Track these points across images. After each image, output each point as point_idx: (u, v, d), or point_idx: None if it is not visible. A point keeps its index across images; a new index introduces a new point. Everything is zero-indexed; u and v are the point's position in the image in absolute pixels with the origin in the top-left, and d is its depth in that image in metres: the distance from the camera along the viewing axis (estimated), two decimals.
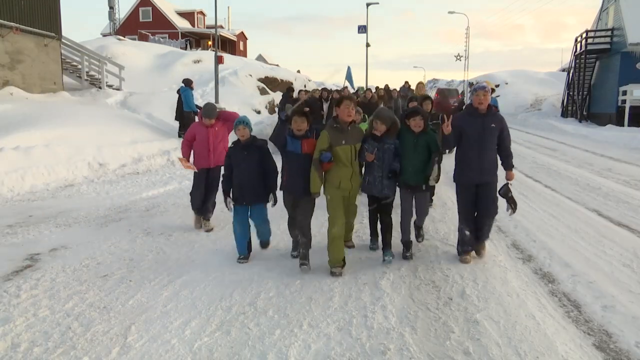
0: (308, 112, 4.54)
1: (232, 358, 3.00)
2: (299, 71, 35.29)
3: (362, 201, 5.21)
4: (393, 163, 4.64)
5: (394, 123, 4.64)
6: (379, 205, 4.81)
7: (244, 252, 4.78)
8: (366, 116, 7.17)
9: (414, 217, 5.07)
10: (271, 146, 4.74)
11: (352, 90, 21.13)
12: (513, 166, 4.67)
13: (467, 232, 4.66)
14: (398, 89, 15.76)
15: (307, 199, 4.47)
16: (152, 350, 3.07)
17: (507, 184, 4.66)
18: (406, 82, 18.15)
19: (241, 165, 4.67)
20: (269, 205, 4.85)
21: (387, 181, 4.61)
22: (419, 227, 5.28)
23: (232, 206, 4.72)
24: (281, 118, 4.52)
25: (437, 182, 4.86)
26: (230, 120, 5.80)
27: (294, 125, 4.39)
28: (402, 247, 4.91)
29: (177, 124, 13.66)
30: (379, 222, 4.94)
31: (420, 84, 9.74)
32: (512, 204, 4.67)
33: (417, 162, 4.68)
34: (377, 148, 4.55)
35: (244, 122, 4.74)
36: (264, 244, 5.08)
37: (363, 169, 4.78)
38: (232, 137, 5.12)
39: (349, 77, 17.31)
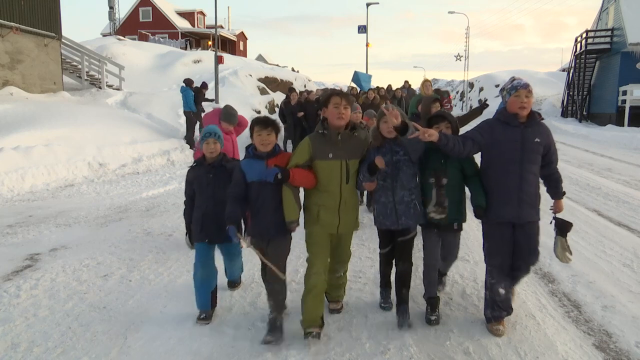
0: (274, 121, 3.30)
1: (232, 358, 3.00)
2: (293, 69, 35.30)
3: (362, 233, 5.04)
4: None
5: (404, 122, 3.20)
6: (395, 246, 3.45)
7: (206, 306, 3.50)
8: None
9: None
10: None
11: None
12: (564, 193, 3.39)
13: (502, 291, 3.26)
14: (399, 89, 15.37)
15: (281, 238, 3.26)
16: (152, 350, 3.07)
17: (555, 217, 3.37)
18: (406, 82, 17.42)
19: (205, 192, 3.53)
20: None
21: (403, 207, 3.27)
22: (441, 275, 3.91)
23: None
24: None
25: (438, 214, 3.36)
26: (243, 125, 5.41)
27: (257, 140, 3.19)
28: (424, 303, 3.61)
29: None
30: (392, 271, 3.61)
31: (426, 82, 8.12)
32: (566, 247, 3.33)
33: (448, 189, 3.38)
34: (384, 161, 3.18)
35: (215, 134, 3.58)
36: (233, 283, 4.04)
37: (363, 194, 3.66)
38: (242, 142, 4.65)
39: (356, 80, 15.47)
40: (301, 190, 3.28)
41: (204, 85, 14.84)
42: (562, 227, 3.33)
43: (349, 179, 3.19)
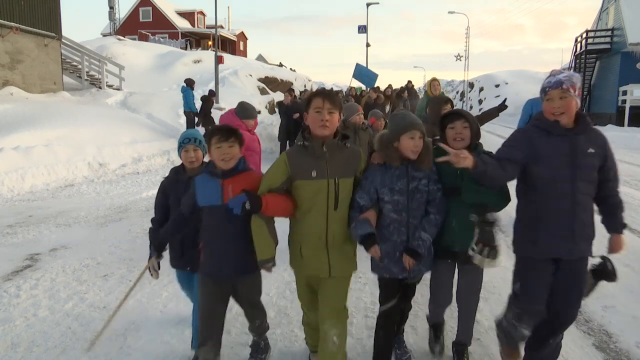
0: (236, 130, 2.58)
1: (232, 358, 3.00)
2: (291, 69, 35.36)
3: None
4: (419, 230, 2.53)
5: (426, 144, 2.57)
6: (402, 295, 2.73)
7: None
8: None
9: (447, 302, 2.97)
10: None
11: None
12: (625, 226, 2.64)
13: (526, 332, 2.61)
14: (403, 89, 15.10)
15: (248, 280, 2.66)
16: (152, 351, 3.07)
17: (606, 259, 2.61)
18: (409, 82, 16.55)
19: None
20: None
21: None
22: (461, 346, 2.95)
23: (156, 267, 2.97)
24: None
25: (486, 257, 2.51)
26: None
27: (215, 154, 2.49)
28: (428, 331, 3.15)
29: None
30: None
31: (434, 82, 7.13)
32: (591, 292, 2.63)
33: (465, 211, 2.59)
34: (395, 190, 2.51)
35: (195, 140, 2.90)
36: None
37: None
38: None
39: (358, 75, 13.52)
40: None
41: (212, 94, 14.70)
42: (605, 273, 2.57)
43: (339, 204, 2.43)
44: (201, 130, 13.32)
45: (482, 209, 2.51)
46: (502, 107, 5.14)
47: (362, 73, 14.29)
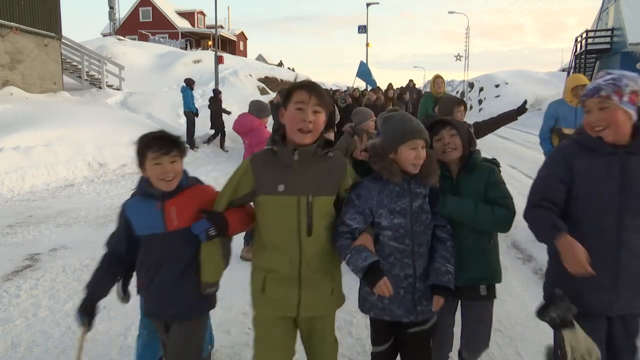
0: (177, 138, 2.09)
1: (232, 358, 3.00)
2: (289, 68, 35.42)
3: None
4: (437, 260, 2.05)
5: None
6: (401, 341, 2.16)
7: None
8: None
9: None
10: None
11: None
12: None
13: None
14: (405, 89, 14.98)
15: (190, 320, 2.09)
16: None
17: None
18: (410, 81, 16.62)
19: None
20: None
21: (425, 285, 2.05)
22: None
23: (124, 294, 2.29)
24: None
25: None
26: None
27: (153, 172, 2.01)
28: None
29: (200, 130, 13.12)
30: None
31: (438, 79, 6.46)
32: None
33: (465, 234, 2.15)
34: (396, 210, 2.00)
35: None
36: None
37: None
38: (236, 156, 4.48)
39: (362, 74, 13.04)
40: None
41: (218, 92, 14.50)
42: None
43: (312, 228, 1.90)
44: (210, 132, 13.30)
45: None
46: (522, 109, 4.57)
47: (366, 72, 14.14)
